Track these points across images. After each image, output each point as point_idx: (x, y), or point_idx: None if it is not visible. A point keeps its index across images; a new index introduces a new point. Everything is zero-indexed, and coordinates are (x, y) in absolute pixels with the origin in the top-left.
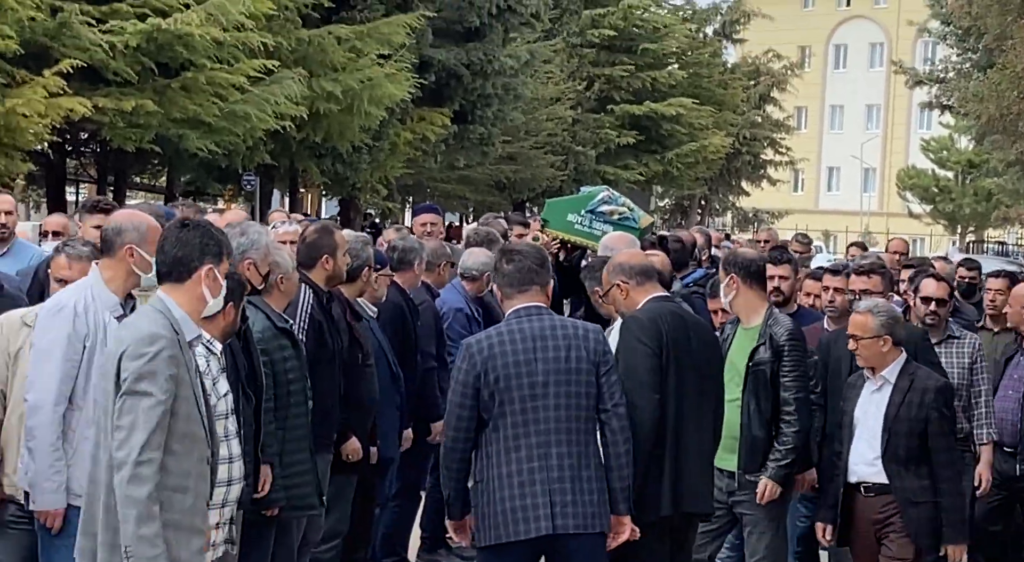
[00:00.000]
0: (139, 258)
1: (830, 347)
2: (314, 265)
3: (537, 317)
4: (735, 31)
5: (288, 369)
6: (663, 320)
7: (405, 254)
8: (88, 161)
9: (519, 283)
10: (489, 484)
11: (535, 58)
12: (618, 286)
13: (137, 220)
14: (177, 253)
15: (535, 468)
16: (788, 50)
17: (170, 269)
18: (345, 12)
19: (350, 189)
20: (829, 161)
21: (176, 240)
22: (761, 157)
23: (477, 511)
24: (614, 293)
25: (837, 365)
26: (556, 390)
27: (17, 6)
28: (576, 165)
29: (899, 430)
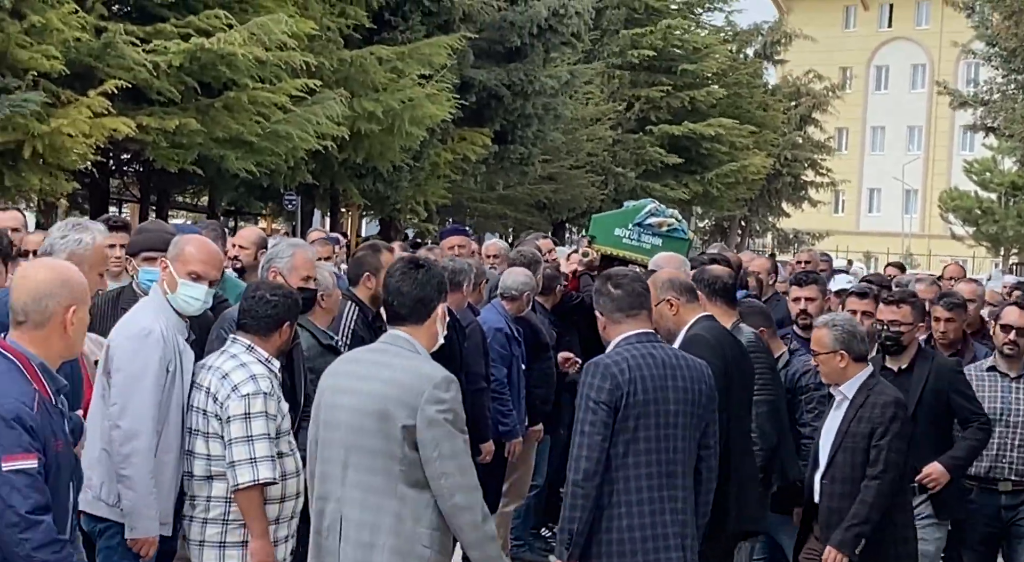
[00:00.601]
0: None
1: None
2: (357, 282)
3: (658, 344)
4: (776, 52)
5: None
6: (724, 340)
7: (455, 276)
8: (131, 181)
9: (629, 307)
10: (615, 510)
11: (576, 79)
12: (668, 303)
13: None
14: (418, 294)
15: (665, 497)
16: (829, 71)
17: (412, 310)
18: (387, 33)
19: (390, 209)
20: (870, 182)
21: (415, 281)
22: (802, 178)
23: (596, 538)
24: (663, 309)
25: None
26: (684, 421)
27: (63, 27)
28: (616, 185)
29: (848, 446)
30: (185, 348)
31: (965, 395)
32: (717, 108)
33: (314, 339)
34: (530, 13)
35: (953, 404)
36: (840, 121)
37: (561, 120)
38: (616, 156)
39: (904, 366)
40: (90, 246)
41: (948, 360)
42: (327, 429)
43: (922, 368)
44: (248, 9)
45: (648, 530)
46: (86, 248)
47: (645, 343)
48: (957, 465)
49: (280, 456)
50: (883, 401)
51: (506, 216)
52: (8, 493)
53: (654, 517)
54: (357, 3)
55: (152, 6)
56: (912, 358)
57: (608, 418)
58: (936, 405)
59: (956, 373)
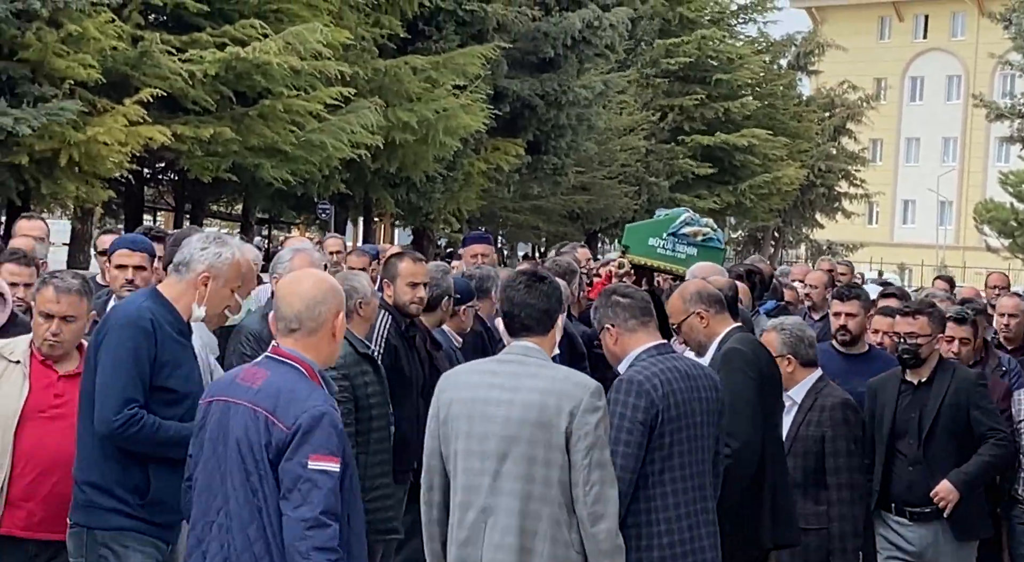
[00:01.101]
0: (236, 301)
1: (876, 394)
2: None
3: (676, 356)
4: (810, 63)
5: (370, 394)
6: (759, 353)
7: (482, 282)
8: (166, 189)
9: (642, 314)
10: (655, 527)
11: (609, 89)
12: (699, 315)
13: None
14: (544, 306)
15: (699, 510)
16: (864, 82)
17: (539, 322)
18: (421, 43)
19: (423, 219)
20: (904, 194)
21: (541, 294)
22: (836, 189)
23: (635, 556)
24: (693, 322)
25: (882, 412)
26: (708, 431)
27: (99, 36)
28: (649, 195)
29: (797, 451)
30: (216, 367)
31: (985, 409)
32: (751, 119)
33: (351, 347)
34: (564, 24)
35: (972, 418)
36: (874, 132)
37: (594, 130)
38: (649, 166)
39: (924, 379)
40: (228, 261)
41: (969, 372)
42: (471, 440)
43: (942, 381)
44: (283, 18)
45: (688, 545)
46: (224, 262)
47: (666, 355)
48: (967, 482)
49: None
50: (831, 403)
51: (539, 226)
52: (308, 491)
53: (692, 531)
54: (392, 12)
55: (188, 15)
56: (932, 370)
57: (643, 438)
58: (956, 420)
59: (977, 386)
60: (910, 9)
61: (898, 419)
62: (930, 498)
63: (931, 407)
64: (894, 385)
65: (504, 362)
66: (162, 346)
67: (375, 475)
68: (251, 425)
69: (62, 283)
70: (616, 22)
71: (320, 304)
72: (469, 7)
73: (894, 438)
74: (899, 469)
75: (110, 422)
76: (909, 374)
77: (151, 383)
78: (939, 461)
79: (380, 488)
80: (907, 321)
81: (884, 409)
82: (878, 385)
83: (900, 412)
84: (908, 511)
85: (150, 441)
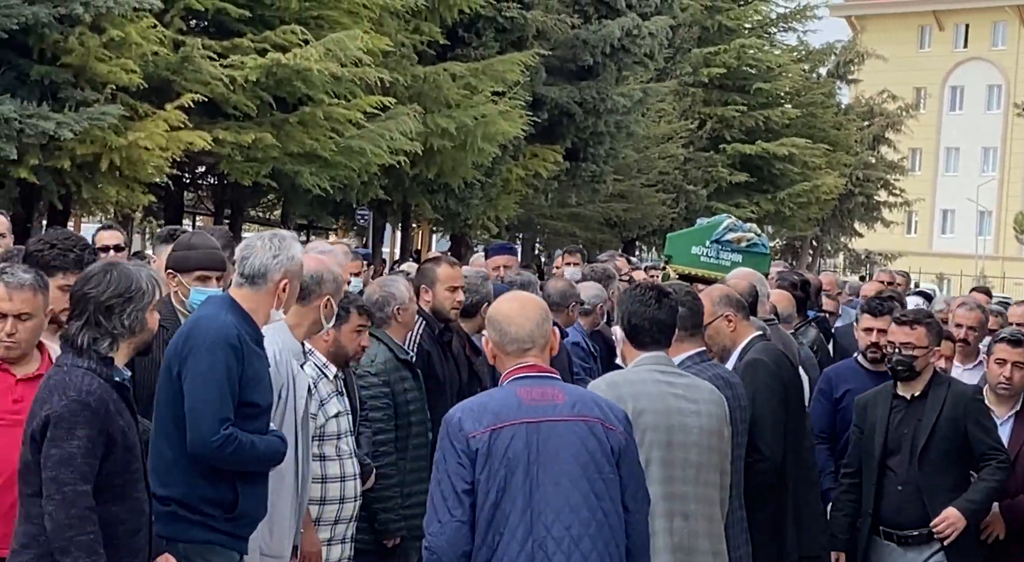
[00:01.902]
0: (331, 309)
1: (866, 410)
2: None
3: (717, 364)
4: (849, 72)
5: (409, 400)
6: (782, 364)
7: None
8: (205, 194)
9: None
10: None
11: (648, 97)
12: (727, 319)
13: (336, 270)
14: (671, 320)
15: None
16: (903, 91)
17: (667, 336)
18: (460, 49)
19: (461, 225)
20: (944, 203)
21: (670, 308)
22: (874, 198)
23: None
24: (720, 326)
25: (872, 429)
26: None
27: (141, 41)
28: (687, 204)
29: None
30: (299, 372)
31: (984, 426)
32: (790, 127)
33: (390, 353)
34: (603, 32)
35: (970, 436)
36: (914, 141)
37: (633, 138)
38: (687, 174)
39: (917, 393)
40: (301, 261)
41: (966, 386)
42: (672, 450)
43: (937, 395)
44: (324, 25)
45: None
46: (298, 264)
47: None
48: (975, 510)
49: (322, 458)
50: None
51: (576, 234)
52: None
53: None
54: (431, 19)
55: (229, 21)
56: (926, 384)
57: None
58: (952, 437)
59: (975, 400)
60: (951, 18)
61: (890, 436)
62: (921, 520)
63: (926, 423)
64: (885, 400)
65: (666, 372)
66: (248, 362)
67: (413, 481)
68: (587, 436)
69: (13, 278)
70: (656, 30)
71: (546, 321)
72: (509, 14)
73: (885, 456)
74: (889, 488)
75: (208, 443)
76: (901, 388)
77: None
78: (932, 481)
79: (418, 495)
80: (904, 331)
81: (875, 426)
82: (868, 400)
83: (892, 428)
84: (896, 535)
85: (245, 459)
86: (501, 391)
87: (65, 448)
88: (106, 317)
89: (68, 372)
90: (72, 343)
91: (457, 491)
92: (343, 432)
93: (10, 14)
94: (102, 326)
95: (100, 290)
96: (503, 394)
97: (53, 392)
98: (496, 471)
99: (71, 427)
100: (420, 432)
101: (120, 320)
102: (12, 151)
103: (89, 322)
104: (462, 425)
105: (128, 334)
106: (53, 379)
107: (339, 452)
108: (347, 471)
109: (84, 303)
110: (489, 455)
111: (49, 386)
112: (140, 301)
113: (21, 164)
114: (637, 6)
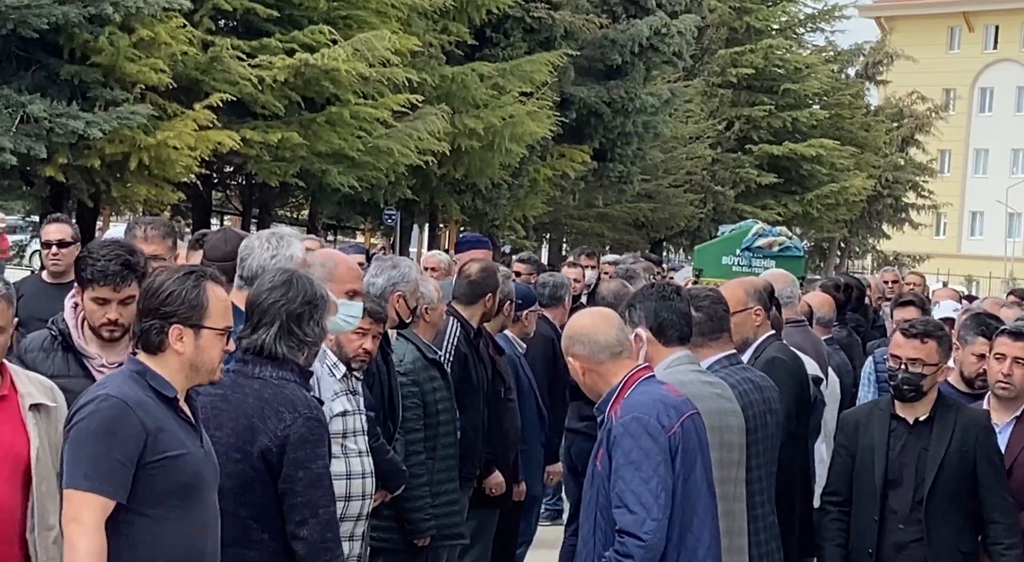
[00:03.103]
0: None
1: (858, 429)
2: (476, 302)
3: (748, 366)
4: (878, 73)
5: (438, 400)
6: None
7: (555, 290)
8: (233, 193)
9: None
10: None
11: (676, 97)
12: (756, 313)
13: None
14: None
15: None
16: (932, 92)
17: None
18: (488, 49)
19: (488, 225)
20: (973, 205)
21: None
22: (903, 200)
23: None
24: (748, 317)
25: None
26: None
27: (171, 41)
28: (715, 205)
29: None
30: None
31: (995, 465)
32: (818, 128)
33: (419, 352)
34: (632, 32)
35: (979, 473)
36: (943, 143)
37: (660, 138)
38: (715, 175)
39: (922, 417)
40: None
41: (978, 412)
42: (723, 450)
43: (945, 420)
44: (352, 25)
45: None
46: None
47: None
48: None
49: (345, 454)
50: None
51: (603, 234)
52: None
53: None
54: (459, 19)
55: (258, 21)
56: (932, 406)
57: None
58: (962, 472)
59: (988, 429)
60: (980, 19)
61: (890, 466)
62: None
63: (933, 455)
64: (882, 421)
65: (696, 371)
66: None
67: (442, 480)
68: (702, 428)
69: None
70: (684, 29)
71: (623, 327)
72: (537, 14)
73: (884, 487)
74: (889, 526)
75: None
76: (902, 408)
77: None
78: (938, 521)
79: (447, 494)
80: (913, 345)
81: (871, 450)
82: (860, 418)
83: (893, 457)
84: None
85: None
86: (656, 387)
87: (313, 469)
88: (297, 326)
89: (280, 386)
90: (270, 353)
91: (666, 489)
92: (350, 431)
93: (40, 14)
94: (295, 335)
95: (290, 298)
96: (663, 391)
97: (279, 407)
98: (684, 463)
99: (314, 446)
100: (448, 432)
101: (310, 328)
102: (42, 150)
103: (282, 331)
104: (660, 423)
105: (314, 343)
106: (266, 393)
107: (345, 450)
108: (354, 469)
109: (272, 313)
110: (681, 450)
111: (263, 399)
112: (324, 309)
113: (51, 163)
114: (666, 5)
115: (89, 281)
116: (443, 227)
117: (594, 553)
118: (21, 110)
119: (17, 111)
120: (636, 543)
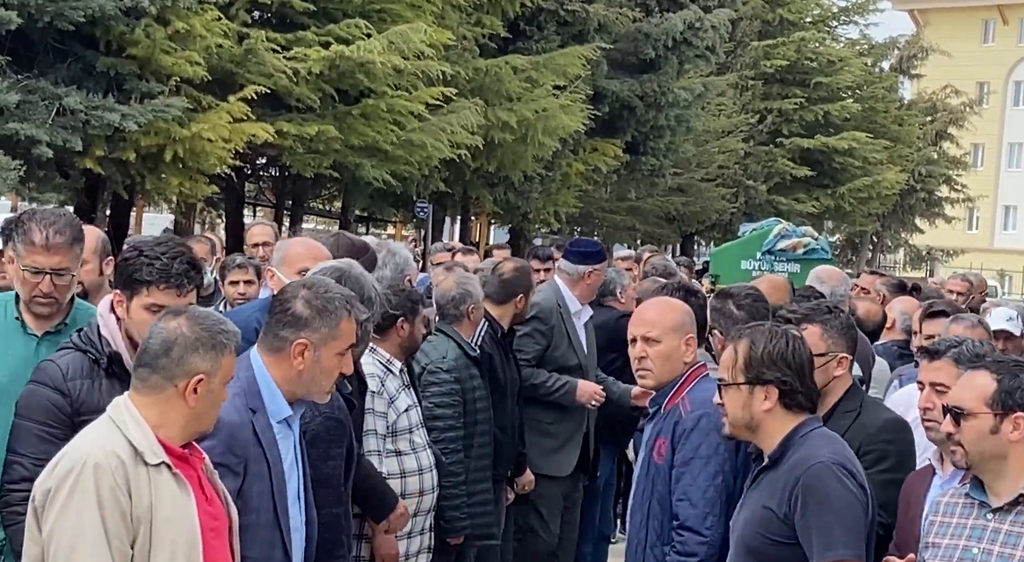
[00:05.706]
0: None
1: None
2: (507, 302)
3: None
4: (912, 66)
5: (477, 398)
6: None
7: (606, 287)
8: (266, 186)
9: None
10: None
11: (709, 91)
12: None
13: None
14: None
15: None
16: (966, 86)
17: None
18: (522, 43)
19: (520, 218)
20: (1006, 199)
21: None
22: (936, 194)
23: None
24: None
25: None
26: None
27: (206, 33)
28: (747, 198)
29: None
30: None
31: None
32: (851, 122)
33: (460, 350)
34: (665, 26)
35: None
36: (976, 137)
37: (693, 132)
38: (747, 169)
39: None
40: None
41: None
42: None
43: None
44: (387, 18)
45: None
46: None
47: None
48: None
49: (398, 454)
50: None
51: (635, 227)
52: None
53: None
54: (493, 12)
55: (293, 14)
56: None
57: None
58: None
59: None
60: (1015, 12)
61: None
62: None
63: None
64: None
65: None
66: None
67: (476, 480)
68: None
69: None
70: (717, 23)
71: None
72: (571, 7)
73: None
74: None
75: None
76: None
77: None
78: None
79: (481, 493)
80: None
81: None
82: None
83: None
84: None
85: None
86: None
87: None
88: None
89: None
90: None
91: (729, 488)
92: (415, 425)
93: (77, 6)
94: None
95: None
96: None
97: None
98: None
99: (328, 446)
100: (485, 430)
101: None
102: (78, 142)
103: None
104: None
105: (361, 343)
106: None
107: (413, 445)
108: (423, 463)
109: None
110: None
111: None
112: (372, 309)
113: (87, 155)
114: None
115: (147, 283)
116: (474, 220)
117: (645, 543)
118: (57, 102)
119: (53, 103)
120: (698, 539)
